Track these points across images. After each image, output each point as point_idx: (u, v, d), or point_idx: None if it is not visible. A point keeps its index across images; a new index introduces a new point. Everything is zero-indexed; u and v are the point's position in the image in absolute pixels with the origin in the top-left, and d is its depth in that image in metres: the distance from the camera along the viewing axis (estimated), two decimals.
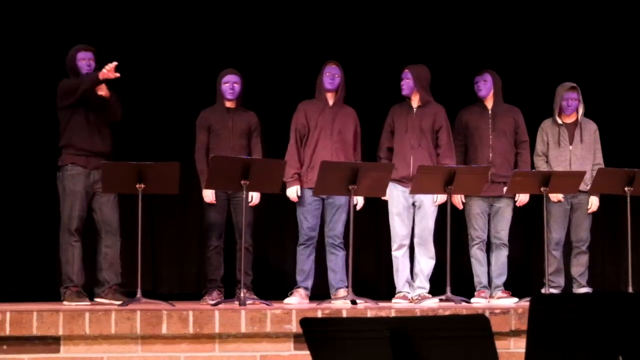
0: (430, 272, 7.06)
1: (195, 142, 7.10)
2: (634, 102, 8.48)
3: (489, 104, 7.32)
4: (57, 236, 6.82)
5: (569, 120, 7.43)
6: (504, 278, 7.25)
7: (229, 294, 6.97)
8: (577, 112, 7.44)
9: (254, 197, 7.04)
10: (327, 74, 7.08)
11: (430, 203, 7.04)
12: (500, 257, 7.25)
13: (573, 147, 7.39)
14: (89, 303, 6.47)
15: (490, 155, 7.22)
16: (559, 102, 7.39)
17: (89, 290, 6.76)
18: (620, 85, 8.48)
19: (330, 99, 7.11)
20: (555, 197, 7.25)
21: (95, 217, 6.78)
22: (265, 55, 8.17)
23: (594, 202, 7.39)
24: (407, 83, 7.10)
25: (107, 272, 6.73)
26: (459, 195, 7.18)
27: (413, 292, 7.04)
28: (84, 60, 6.81)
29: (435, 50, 8.17)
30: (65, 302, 6.47)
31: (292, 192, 7.00)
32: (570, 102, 7.37)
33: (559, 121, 7.39)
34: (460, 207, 7.24)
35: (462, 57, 8.27)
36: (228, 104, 7.11)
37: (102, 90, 6.72)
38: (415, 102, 7.13)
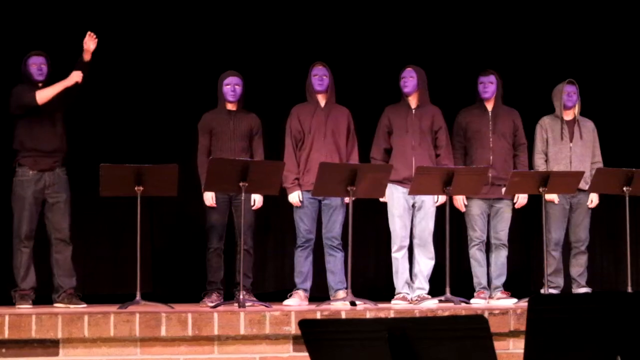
0: (430, 273, 7.06)
1: (196, 145, 7.10)
2: (632, 102, 8.48)
3: (490, 105, 7.30)
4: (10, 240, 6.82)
5: (568, 117, 7.44)
6: (503, 279, 7.25)
7: (228, 296, 6.97)
8: (575, 110, 7.44)
9: (257, 201, 7.04)
10: (315, 75, 7.07)
11: (431, 204, 7.04)
12: (500, 258, 7.25)
13: (573, 144, 7.39)
14: (31, 306, 6.56)
15: (491, 157, 7.21)
16: (560, 95, 7.38)
17: (47, 296, 6.79)
18: (618, 85, 8.48)
19: (322, 100, 7.10)
20: (550, 199, 7.24)
21: (47, 223, 6.77)
22: (265, 58, 8.17)
23: (594, 199, 7.39)
24: (412, 81, 7.09)
25: (60, 278, 6.73)
26: (461, 198, 7.17)
27: (412, 293, 7.03)
28: (35, 65, 6.80)
29: (430, 51, 8.16)
30: (16, 306, 6.59)
31: (294, 197, 7.00)
32: (572, 94, 7.38)
33: (561, 116, 7.38)
34: (463, 209, 7.22)
35: (458, 57, 8.27)
36: (229, 106, 7.10)
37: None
38: (413, 102, 7.13)
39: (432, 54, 8.10)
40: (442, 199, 6.98)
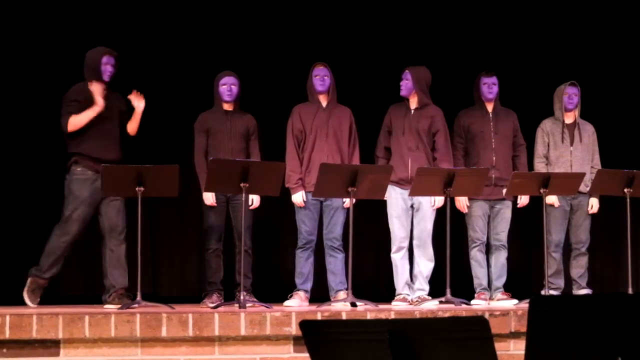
0: (430, 274, 7.06)
1: (193, 145, 7.10)
2: (632, 104, 8.48)
3: (490, 106, 7.30)
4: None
5: (568, 120, 7.43)
6: (503, 280, 7.25)
7: (229, 297, 6.97)
8: (576, 112, 7.44)
9: (255, 200, 7.04)
10: (317, 76, 7.06)
11: (428, 205, 7.04)
12: (500, 259, 7.25)
13: (573, 148, 7.39)
14: (35, 305, 6.51)
15: (494, 158, 7.21)
16: (561, 97, 7.38)
17: (97, 298, 6.77)
18: (619, 87, 8.48)
19: (323, 100, 7.09)
20: (550, 202, 7.24)
21: (100, 221, 6.72)
22: (262, 58, 8.17)
23: (594, 204, 7.39)
24: (406, 84, 7.10)
25: (113, 277, 6.66)
26: (463, 199, 7.16)
27: (413, 294, 7.03)
28: (108, 64, 6.72)
29: (430, 51, 8.16)
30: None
31: (298, 197, 6.98)
32: (573, 97, 7.37)
33: (561, 119, 7.37)
34: (466, 210, 7.20)
35: (457, 58, 8.27)
36: (226, 107, 7.10)
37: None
38: (413, 103, 7.13)
39: (432, 54, 8.10)
40: (439, 201, 6.98)
